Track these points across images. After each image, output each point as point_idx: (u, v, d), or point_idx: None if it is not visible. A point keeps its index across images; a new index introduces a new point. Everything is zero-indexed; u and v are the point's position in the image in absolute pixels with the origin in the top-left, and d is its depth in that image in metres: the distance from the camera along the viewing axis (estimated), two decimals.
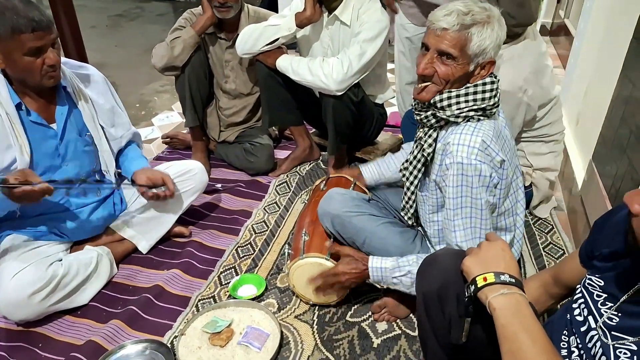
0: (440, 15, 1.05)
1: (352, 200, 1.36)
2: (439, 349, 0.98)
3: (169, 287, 1.47)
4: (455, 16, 1.02)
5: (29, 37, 1.16)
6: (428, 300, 0.95)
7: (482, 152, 1.05)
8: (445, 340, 0.95)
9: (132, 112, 2.76)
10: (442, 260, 0.95)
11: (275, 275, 1.53)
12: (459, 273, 0.88)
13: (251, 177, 2.07)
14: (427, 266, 0.98)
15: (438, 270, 0.94)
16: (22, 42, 1.16)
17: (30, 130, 1.30)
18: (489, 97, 1.09)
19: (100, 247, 1.52)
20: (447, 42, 1.04)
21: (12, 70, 1.24)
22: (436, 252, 1.00)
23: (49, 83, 1.26)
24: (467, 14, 1.02)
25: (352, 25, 1.82)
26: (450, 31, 1.03)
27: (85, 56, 2.67)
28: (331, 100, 1.79)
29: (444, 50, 1.05)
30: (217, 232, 1.74)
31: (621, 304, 0.75)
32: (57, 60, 1.23)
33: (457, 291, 0.89)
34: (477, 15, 1.02)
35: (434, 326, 0.96)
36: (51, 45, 1.22)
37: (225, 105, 2.15)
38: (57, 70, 1.26)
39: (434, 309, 0.94)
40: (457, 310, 0.89)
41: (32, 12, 1.15)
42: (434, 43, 1.06)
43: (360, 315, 1.37)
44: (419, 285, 0.99)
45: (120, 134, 1.52)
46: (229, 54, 2.03)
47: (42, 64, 1.21)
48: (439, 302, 0.92)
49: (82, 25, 2.53)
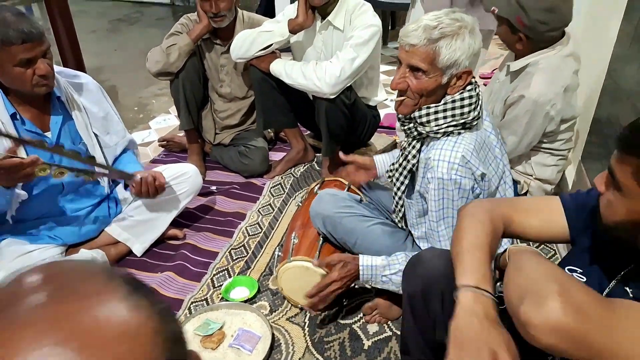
0: (409, 30, 1.06)
1: (343, 200, 1.38)
2: (425, 347, 1.00)
3: (163, 289, 1.49)
4: (422, 31, 1.03)
5: (19, 49, 1.18)
6: (413, 300, 0.98)
7: (462, 167, 1.06)
8: (431, 339, 0.97)
9: (130, 115, 2.78)
10: (425, 260, 0.97)
11: (267, 277, 1.54)
12: (443, 273, 0.89)
13: (246, 179, 2.09)
14: (412, 267, 1.00)
15: (422, 270, 0.96)
16: (12, 53, 1.18)
17: (27, 144, 1.32)
18: (468, 112, 1.09)
19: (95, 250, 1.54)
20: (416, 57, 1.05)
21: (4, 80, 1.26)
22: (420, 253, 1.02)
23: (41, 91, 1.28)
24: (434, 28, 1.03)
25: (344, 29, 1.84)
26: (418, 46, 1.04)
27: (82, 62, 2.68)
28: (324, 103, 1.80)
29: (414, 65, 1.06)
30: (211, 235, 1.75)
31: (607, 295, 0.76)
32: (47, 70, 1.24)
33: (442, 290, 0.91)
34: (445, 28, 1.03)
35: (419, 325, 0.98)
36: (43, 56, 1.23)
37: (221, 108, 2.17)
38: (49, 80, 1.27)
39: (419, 308, 0.96)
40: (441, 310, 0.91)
41: (22, 24, 1.17)
42: (405, 58, 1.08)
43: (351, 317, 1.39)
44: (405, 286, 1.01)
45: (115, 141, 1.54)
46: (224, 58, 2.06)
47: (32, 74, 1.23)
48: (424, 301, 0.95)
49: (82, 30, 2.56)
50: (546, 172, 1.66)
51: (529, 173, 1.67)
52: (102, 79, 3.25)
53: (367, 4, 1.86)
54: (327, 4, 1.81)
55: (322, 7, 1.82)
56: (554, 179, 1.69)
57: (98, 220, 1.55)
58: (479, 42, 1.07)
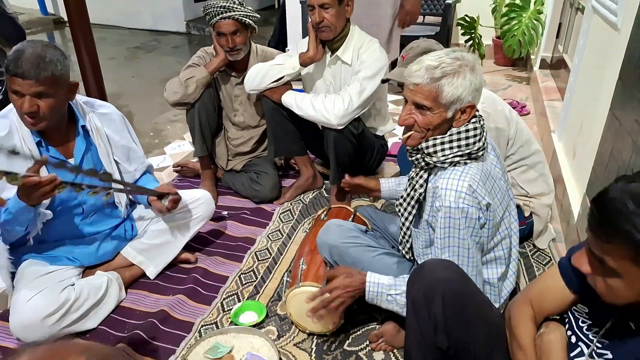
0: (412, 70, 1.12)
1: (349, 231, 1.42)
2: (428, 352, 1.04)
3: (174, 312, 1.53)
4: (424, 71, 1.10)
5: (12, 80, 1.27)
6: (416, 304, 1.03)
7: (469, 195, 1.09)
8: (431, 342, 1.01)
9: (146, 140, 2.88)
10: (428, 265, 1.05)
11: (275, 302, 1.58)
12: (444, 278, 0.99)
13: (256, 204, 2.15)
14: (416, 273, 1.07)
15: (425, 275, 1.03)
16: (9, 81, 1.28)
17: (49, 164, 1.40)
18: (473, 142, 1.14)
19: (110, 272, 1.59)
20: (420, 96, 1.12)
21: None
22: (424, 261, 1.09)
23: (27, 125, 1.34)
24: (436, 68, 1.09)
25: (352, 64, 1.93)
26: (422, 85, 1.10)
27: (104, 89, 2.81)
28: (332, 133, 1.88)
29: (419, 103, 1.13)
30: (221, 259, 1.80)
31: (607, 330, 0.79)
32: (28, 109, 1.27)
33: (443, 294, 0.98)
34: (447, 67, 1.09)
35: (421, 329, 1.03)
36: (36, 96, 1.28)
37: (234, 136, 2.26)
38: (34, 118, 1.31)
39: (421, 311, 1.02)
40: (442, 313, 0.97)
41: (27, 62, 1.24)
42: (409, 96, 1.14)
43: (357, 344, 1.41)
44: (409, 291, 1.07)
45: (134, 167, 1.62)
46: (238, 89, 2.16)
47: (20, 106, 1.29)
48: (426, 303, 1.01)
49: (102, 57, 2.67)
50: (536, 186, 1.71)
51: (522, 194, 1.72)
52: (120, 104, 3.38)
53: (374, 39, 1.95)
54: (336, 40, 1.92)
55: (331, 42, 1.92)
56: (547, 189, 1.74)
57: (114, 243, 1.61)
58: (480, 78, 1.13)
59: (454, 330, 0.99)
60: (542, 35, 3.65)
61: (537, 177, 1.71)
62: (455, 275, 1.03)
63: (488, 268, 1.23)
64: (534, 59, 3.86)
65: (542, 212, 1.76)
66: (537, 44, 3.73)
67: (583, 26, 2.28)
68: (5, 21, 3.42)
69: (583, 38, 2.24)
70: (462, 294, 1.01)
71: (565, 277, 0.96)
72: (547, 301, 0.98)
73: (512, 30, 3.68)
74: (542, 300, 0.99)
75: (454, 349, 1.00)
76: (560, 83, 3.09)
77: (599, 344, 0.81)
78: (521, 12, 3.70)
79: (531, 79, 3.73)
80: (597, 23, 2.04)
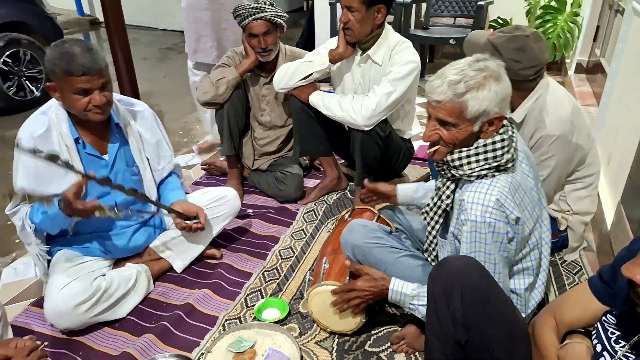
0: (434, 86, 1.06)
1: (373, 232, 1.41)
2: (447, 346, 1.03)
3: (200, 306, 1.57)
4: (447, 87, 1.03)
5: (78, 80, 1.33)
6: (436, 297, 1.03)
7: (497, 210, 1.04)
8: (450, 336, 1.01)
9: (176, 139, 2.96)
10: (449, 260, 1.05)
11: (298, 300, 1.59)
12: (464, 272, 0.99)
13: (280, 204, 2.17)
14: (437, 268, 1.07)
15: (446, 269, 1.03)
16: (72, 83, 1.33)
17: (85, 160, 1.47)
18: (501, 155, 1.08)
19: (139, 264, 1.64)
20: (443, 112, 1.06)
21: (64, 104, 1.41)
22: (445, 257, 1.09)
23: (94, 118, 1.41)
24: (459, 82, 1.03)
25: (383, 64, 1.91)
26: (445, 102, 1.04)
27: (137, 88, 2.91)
28: (359, 135, 1.88)
29: (442, 120, 1.07)
30: (246, 256, 1.83)
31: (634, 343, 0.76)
32: (102, 101, 1.37)
33: (462, 288, 0.98)
34: (470, 81, 1.03)
35: (440, 323, 1.03)
36: (101, 88, 1.36)
37: (260, 135, 2.29)
38: (102, 109, 1.39)
39: (441, 304, 1.02)
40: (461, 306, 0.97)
41: (85, 59, 1.32)
42: (432, 113, 1.09)
43: (379, 345, 1.40)
44: (429, 286, 1.07)
45: (162, 165, 1.67)
46: (266, 89, 2.19)
47: (88, 102, 1.36)
48: (445, 296, 1.00)
49: (135, 57, 2.76)
50: (583, 204, 1.65)
51: (565, 210, 1.66)
52: (151, 103, 3.47)
53: (407, 41, 1.93)
54: (366, 40, 1.90)
55: (362, 41, 1.92)
56: (591, 209, 1.68)
57: (144, 237, 1.66)
58: (507, 86, 1.06)
59: (473, 325, 0.97)
60: (578, 38, 3.54)
61: (586, 196, 1.64)
62: (476, 271, 1.02)
63: (515, 278, 1.20)
64: (569, 62, 3.74)
65: (578, 228, 1.70)
66: (573, 48, 3.61)
67: (623, 29, 2.20)
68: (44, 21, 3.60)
69: (622, 41, 2.16)
70: (482, 289, 0.99)
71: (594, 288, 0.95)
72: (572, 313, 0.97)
73: (546, 33, 3.58)
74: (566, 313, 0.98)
75: (472, 344, 0.99)
76: (597, 88, 2.99)
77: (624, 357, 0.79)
78: (557, 14, 3.60)
79: (565, 83, 3.62)
80: (638, 26, 1.97)
